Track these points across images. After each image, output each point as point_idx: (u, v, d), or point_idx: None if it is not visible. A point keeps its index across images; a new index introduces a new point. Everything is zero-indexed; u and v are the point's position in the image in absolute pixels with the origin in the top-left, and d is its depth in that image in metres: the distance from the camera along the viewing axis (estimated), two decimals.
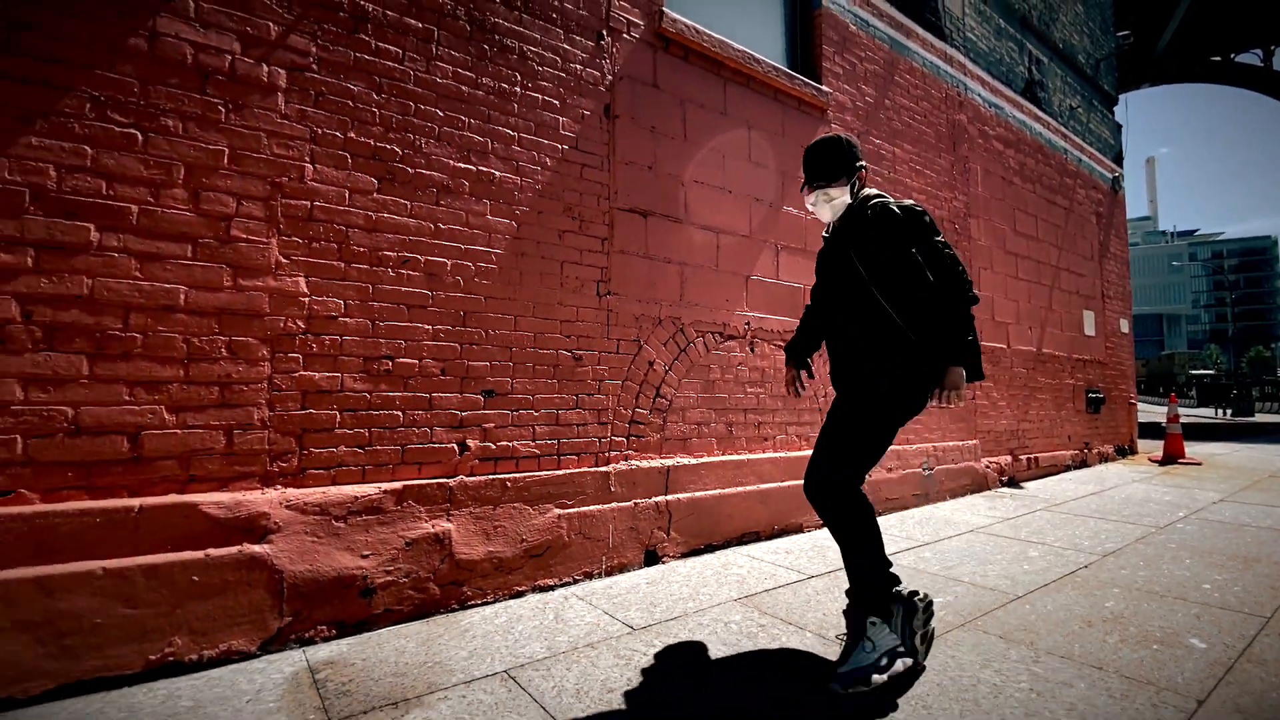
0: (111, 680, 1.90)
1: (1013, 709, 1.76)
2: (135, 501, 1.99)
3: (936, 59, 5.39)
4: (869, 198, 2.13)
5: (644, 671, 2.00)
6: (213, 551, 2.08)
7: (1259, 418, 20.55)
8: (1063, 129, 7.14)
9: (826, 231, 2.26)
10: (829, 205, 2.16)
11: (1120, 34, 8.42)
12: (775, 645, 2.22)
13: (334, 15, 2.46)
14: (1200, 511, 4.49)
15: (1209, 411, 24.44)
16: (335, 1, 2.46)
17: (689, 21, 3.56)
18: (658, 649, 2.18)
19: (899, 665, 1.87)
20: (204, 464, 2.13)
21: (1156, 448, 8.42)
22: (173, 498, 2.06)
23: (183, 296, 2.12)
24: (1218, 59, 20.82)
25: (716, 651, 2.16)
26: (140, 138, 2.07)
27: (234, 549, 2.11)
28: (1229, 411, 23.08)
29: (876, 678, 1.79)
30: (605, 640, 2.26)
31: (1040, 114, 6.72)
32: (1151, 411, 20.98)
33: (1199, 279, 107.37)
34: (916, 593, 2.03)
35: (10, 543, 1.81)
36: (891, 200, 2.09)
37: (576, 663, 2.07)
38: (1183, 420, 8.23)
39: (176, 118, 2.13)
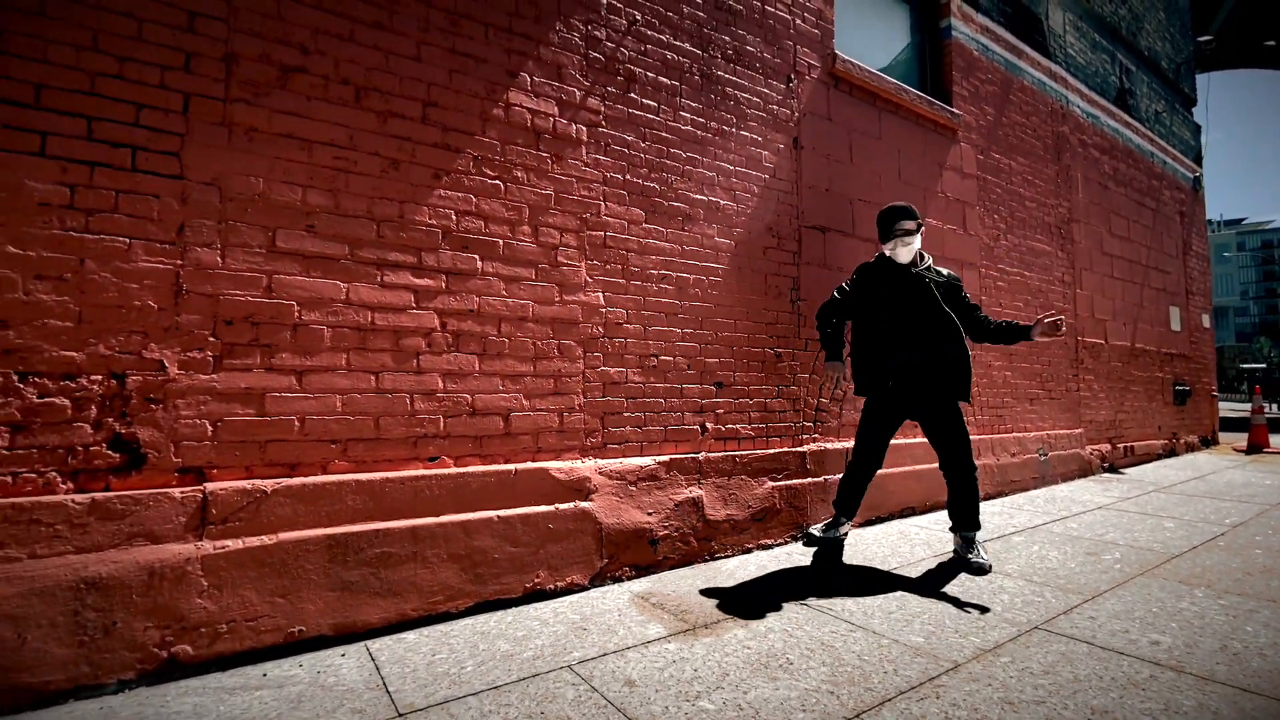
0: (505, 601, 2.52)
1: (1219, 625, 2.27)
2: (511, 466, 2.61)
3: (1043, 76, 5.81)
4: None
5: (899, 604, 2.55)
6: (559, 506, 2.69)
7: None
8: (1149, 134, 7.47)
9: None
10: (908, 249, 2.97)
11: (1201, 39, 8.67)
12: (987, 583, 2.75)
13: (614, 79, 3.04)
14: None
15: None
16: (615, 69, 3.04)
17: (855, 61, 4.08)
18: (899, 591, 2.72)
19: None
20: (546, 439, 2.74)
21: (1238, 440, 8.70)
22: (530, 465, 2.67)
23: (531, 309, 2.73)
24: (1272, 43, 20.41)
25: (946, 589, 2.70)
26: (502, 187, 2.68)
27: (571, 505, 2.72)
28: None
29: None
30: (848, 583, 2.81)
31: (1130, 120, 7.07)
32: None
33: (1248, 269, 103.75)
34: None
35: (442, 495, 2.44)
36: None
37: (843, 597, 2.63)
38: (1236, 415, 8.46)
39: (522, 170, 2.74)
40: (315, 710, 1.74)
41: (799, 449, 3.63)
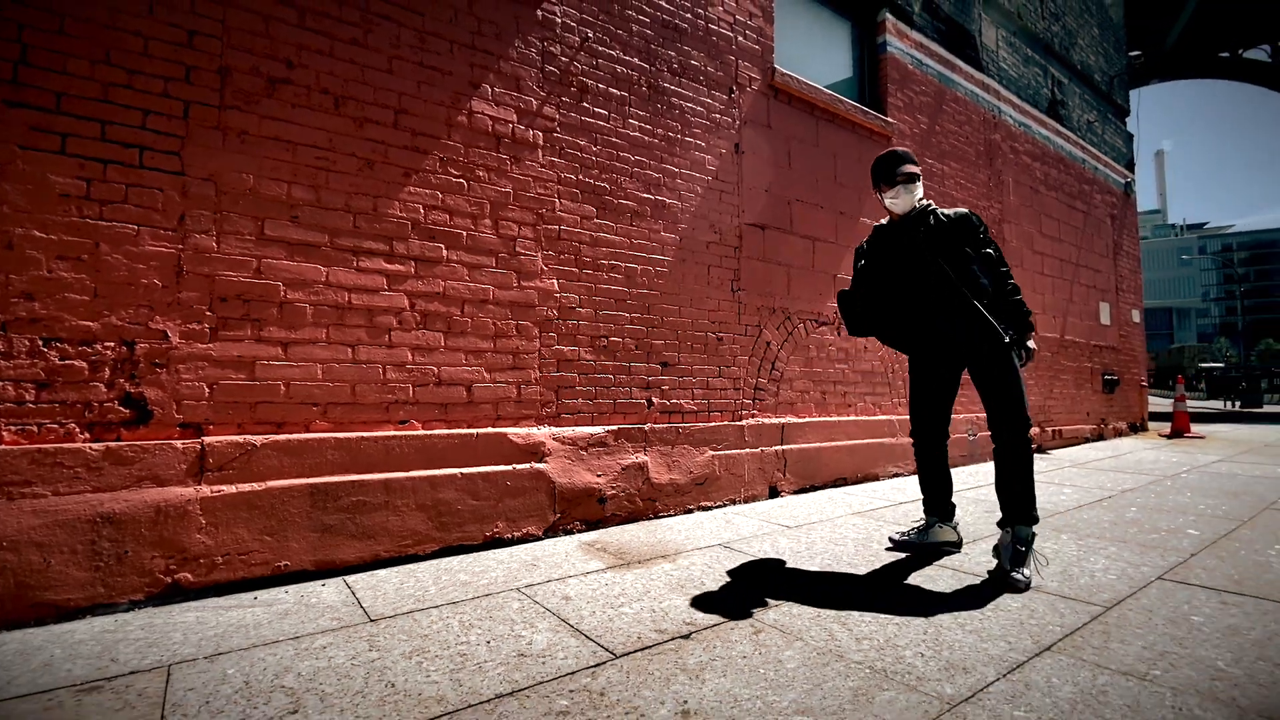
0: (467, 547, 2.88)
1: (1068, 557, 2.71)
2: (473, 431, 2.97)
3: (975, 88, 6.30)
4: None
5: (807, 545, 2.96)
6: (516, 466, 3.05)
7: (1267, 408, 21.27)
8: (1081, 141, 8.03)
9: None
10: (910, 195, 2.64)
11: (1132, 54, 9.28)
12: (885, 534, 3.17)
13: (568, 89, 3.41)
14: (1201, 467, 5.41)
15: (1218, 403, 25.17)
16: (569, 81, 3.42)
17: (793, 74, 4.50)
18: (812, 536, 3.14)
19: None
20: (505, 408, 3.11)
21: (1166, 428, 9.33)
22: (491, 430, 3.03)
23: (491, 294, 3.09)
24: (1226, 55, 21.44)
25: (853, 536, 3.12)
26: (465, 184, 3.04)
27: (527, 465, 3.09)
28: (1238, 403, 23.83)
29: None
30: (771, 533, 3.22)
31: (1062, 129, 7.62)
32: (1161, 404, 21.75)
33: (1209, 272, 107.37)
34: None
35: (411, 453, 2.79)
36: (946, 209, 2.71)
37: (762, 541, 3.03)
38: (1193, 410, 9.11)
39: (484, 170, 3.10)
40: (300, 619, 2.09)
41: (738, 423, 4.03)
